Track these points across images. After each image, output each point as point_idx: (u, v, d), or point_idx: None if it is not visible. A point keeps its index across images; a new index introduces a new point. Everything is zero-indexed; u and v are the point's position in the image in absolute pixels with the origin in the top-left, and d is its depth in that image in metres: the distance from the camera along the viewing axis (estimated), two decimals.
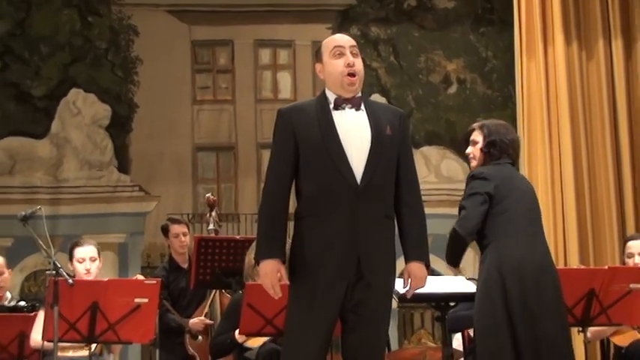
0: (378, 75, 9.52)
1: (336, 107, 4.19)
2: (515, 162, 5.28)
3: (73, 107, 9.31)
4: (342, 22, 9.52)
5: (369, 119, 4.19)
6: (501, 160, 5.15)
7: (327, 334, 4.10)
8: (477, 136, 5.24)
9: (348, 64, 4.19)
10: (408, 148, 4.31)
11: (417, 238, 4.22)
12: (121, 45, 9.41)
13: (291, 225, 4.18)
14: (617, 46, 8.13)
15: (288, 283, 4.14)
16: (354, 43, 4.28)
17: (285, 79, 9.63)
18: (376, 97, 8.69)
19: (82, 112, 9.31)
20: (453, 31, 9.65)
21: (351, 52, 4.22)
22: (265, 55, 9.67)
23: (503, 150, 5.17)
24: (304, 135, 4.14)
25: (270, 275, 4.08)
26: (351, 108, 4.20)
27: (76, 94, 9.31)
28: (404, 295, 4.34)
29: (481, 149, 5.20)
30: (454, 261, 5.12)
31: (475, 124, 5.34)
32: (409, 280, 4.20)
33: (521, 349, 4.82)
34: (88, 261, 6.31)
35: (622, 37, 8.14)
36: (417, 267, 4.19)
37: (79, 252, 6.34)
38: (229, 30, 9.60)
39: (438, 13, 9.64)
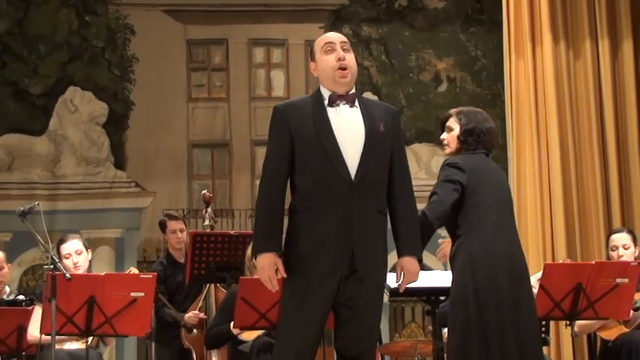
0: (369, 73, 9.54)
1: (331, 104, 4.21)
2: (490, 151, 5.11)
3: (70, 105, 9.32)
4: (335, 21, 9.53)
5: (363, 116, 4.21)
6: (477, 150, 5.02)
7: (319, 326, 4.11)
8: (453, 123, 5.06)
9: (339, 58, 4.20)
10: (400, 145, 4.32)
11: (410, 233, 4.24)
12: (117, 44, 9.44)
13: (285, 220, 4.18)
14: (604, 45, 8.14)
15: (285, 276, 4.13)
16: (345, 39, 4.29)
17: (278, 77, 9.64)
18: (368, 95, 8.46)
19: (79, 110, 9.34)
20: (443, 30, 9.68)
21: (342, 48, 4.24)
22: (259, 53, 9.68)
23: (479, 139, 5.01)
24: (299, 131, 4.15)
25: (268, 269, 4.08)
26: (345, 104, 4.21)
27: (73, 92, 9.34)
28: (396, 289, 4.32)
29: (458, 137, 5.02)
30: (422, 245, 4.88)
31: (452, 110, 5.15)
32: (402, 274, 4.22)
33: (492, 341, 4.70)
34: (74, 255, 6.33)
35: (608, 37, 8.16)
36: (410, 262, 4.21)
37: (65, 248, 6.36)
38: (224, 29, 9.61)
39: (428, 12, 9.67)
